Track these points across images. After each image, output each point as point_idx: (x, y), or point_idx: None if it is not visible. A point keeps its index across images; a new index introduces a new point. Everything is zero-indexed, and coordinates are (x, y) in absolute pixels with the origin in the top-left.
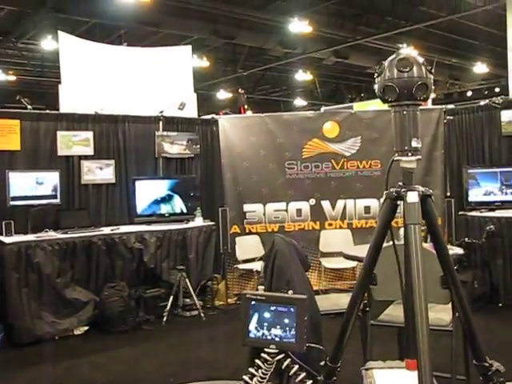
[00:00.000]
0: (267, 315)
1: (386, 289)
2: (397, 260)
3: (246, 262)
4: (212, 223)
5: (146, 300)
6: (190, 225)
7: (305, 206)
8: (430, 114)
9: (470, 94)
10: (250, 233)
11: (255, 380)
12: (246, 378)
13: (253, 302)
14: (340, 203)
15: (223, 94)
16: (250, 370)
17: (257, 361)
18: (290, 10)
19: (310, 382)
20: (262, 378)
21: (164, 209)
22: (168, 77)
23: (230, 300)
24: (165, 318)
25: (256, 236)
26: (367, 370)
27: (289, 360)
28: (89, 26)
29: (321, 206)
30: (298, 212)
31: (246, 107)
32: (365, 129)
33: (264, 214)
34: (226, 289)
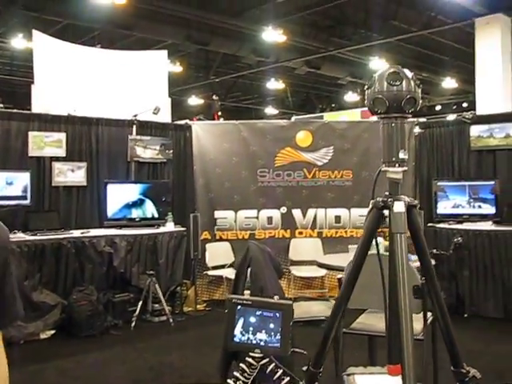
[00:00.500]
0: (253, 320)
1: (358, 298)
2: (381, 269)
3: (215, 268)
4: (183, 229)
5: (115, 304)
6: (161, 230)
7: (276, 214)
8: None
9: (439, 108)
10: (221, 239)
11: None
12: (230, 381)
13: (238, 307)
14: (311, 212)
15: (195, 100)
16: (235, 373)
17: (241, 365)
18: (265, 19)
19: None
20: (245, 381)
21: (135, 213)
22: (143, 81)
23: (198, 306)
24: (133, 323)
25: (226, 243)
26: (349, 376)
27: (273, 364)
28: (61, 26)
29: (292, 215)
30: (269, 220)
31: (220, 114)
32: (337, 139)
33: (235, 221)
34: (195, 295)
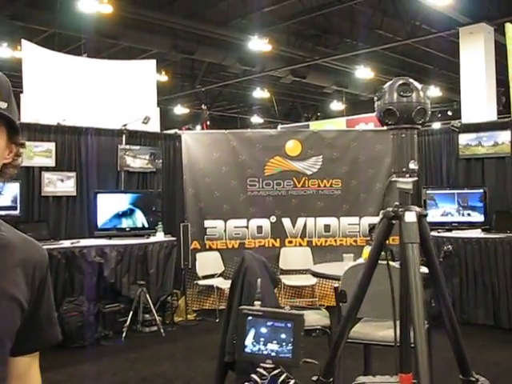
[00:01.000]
0: (264, 330)
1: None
2: (390, 280)
3: (205, 277)
4: (173, 239)
5: (105, 315)
6: (151, 240)
7: (265, 223)
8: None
9: None
10: (211, 249)
11: None
12: None
13: (249, 318)
14: (300, 221)
15: (180, 110)
16: None
17: (253, 375)
18: (251, 28)
19: None
20: None
21: (125, 223)
22: (131, 90)
23: (189, 316)
24: (124, 334)
25: (216, 252)
26: None
27: (285, 375)
28: (47, 35)
29: (281, 224)
30: (259, 229)
31: (208, 123)
32: (326, 148)
33: (225, 230)
34: (185, 305)
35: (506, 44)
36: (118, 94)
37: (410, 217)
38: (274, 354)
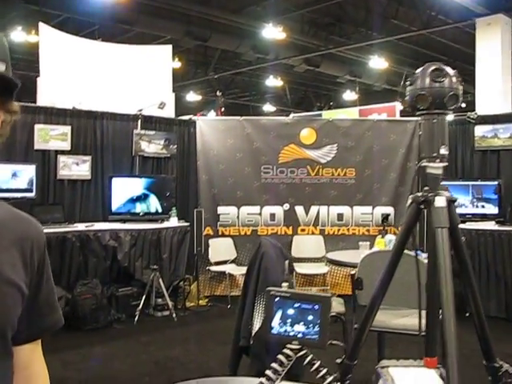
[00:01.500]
0: (291, 312)
1: (368, 294)
2: (417, 267)
3: (218, 264)
4: (186, 224)
5: (118, 298)
6: (165, 225)
7: (279, 211)
8: (406, 125)
9: None
10: (223, 235)
11: (276, 375)
12: (268, 372)
13: (277, 299)
14: (313, 209)
15: (193, 96)
16: (274, 365)
17: (280, 356)
18: (265, 16)
19: (331, 378)
20: (281, 372)
21: (139, 207)
22: (147, 75)
23: (201, 301)
24: (136, 317)
25: (229, 239)
26: (383, 368)
27: (311, 356)
28: (60, 20)
29: (294, 212)
30: (272, 216)
31: (223, 110)
32: (341, 137)
33: (238, 216)
34: (197, 290)
35: None
36: (134, 78)
37: (440, 202)
38: (300, 335)
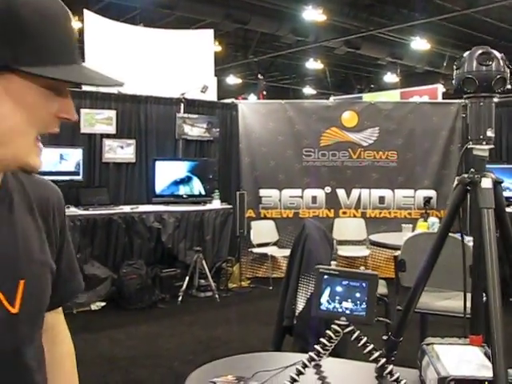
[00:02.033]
0: (339, 289)
1: (412, 276)
2: (462, 248)
3: (260, 246)
4: (229, 206)
5: (162, 279)
6: (208, 207)
7: (320, 194)
8: (449, 108)
9: None
10: (265, 218)
11: (324, 349)
12: (318, 347)
13: (325, 276)
14: (355, 192)
15: (233, 79)
16: (322, 340)
17: (328, 332)
18: None
19: (377, 354)
20: (328, 347)
21: (182, 190)
22: (189, 60)
23: (243, 283)
24: (180, 298)
25: (271, 221)
26: (428, 345)
27: (358, 332)
28: (102, 5)
29: (336, 194)
30: (313, 199)
31: (265, 93)
32: (383, 120)
33: (279, 199)
34: (239, 272)
35: None
36: (177, 63)
37: (486, 183)
38: (348, 311)
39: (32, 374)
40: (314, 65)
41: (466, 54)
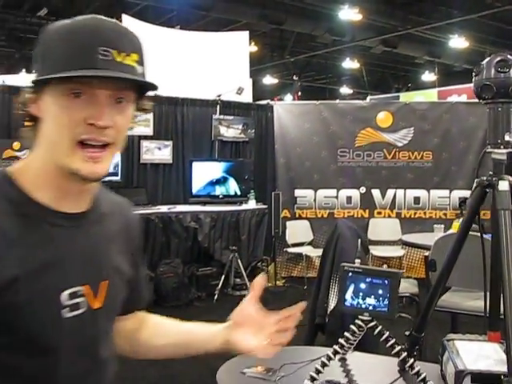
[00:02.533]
0: (363, 286)
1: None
2: (482, 248)
3: (295, 245)
4: (264, 206)
5: (199, 278)
6: (244, 207)
7: (355, 194)
8: (485, 107)
9: None
10: (300, 217)
11: (348, 343)
12: (341, 340)
13: (350, 274)
14: (390, 192)
15: (269, 80)
16: (346, 334)
17: (352, 326)
18: None
19: (398, 348)
20: (353, 341)
21: (218, 190)
22: (225, 62)
23: (278, 282)
24: (216, 296)
25: (306, 221)
26: (449, 341)
27: (380, 327)
28: (140, 8)
29: (371, 195)
30: (348, 199)
31: (300, 94)
32: (418, 120)
33: (314, 199)
34: (275, 271)
35: None
36: (213, 65)
37: (504, 185)
38: (371, 307)
39: (105, 364)
40: (350, 64)
41: (485, 61)
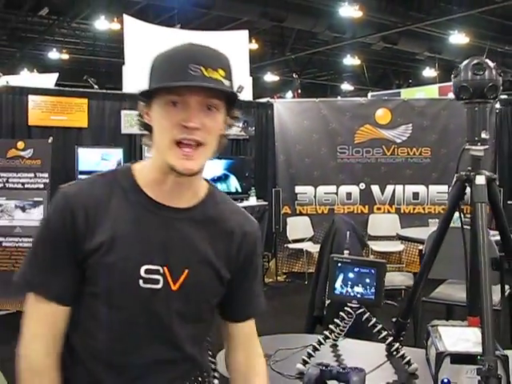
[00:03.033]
0: (351, 275)
1: (437, 268)
2: (463, 239)
3: (295, 241)
4: (265, 203)
5: None
6: (244, 204)
7: (355, 190)
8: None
9: None
10: (301, 214)
11: (338, 329)
12: (331, 326)
13: (339, 264)
14: (389, 188)
15: (270, 77)
16: (336, 320)
17: (341, 313)
18: None
19: (385, 333)
20: (342, 327)
21: (219, 187)
22: None
23: (279, 278)
24: None
25: (306, 217)
26: (433, 327)
27: (368, 314)
28: (141, 7)
29: (370, 191)
30: (348, 195)
31: (299, 91)
32: (416, 116)
33: (315, 196)
34: (276, 267)
35: None
36: None
37: (481, 180)
38: (359, 295)
39: (183, 353)
40: (351, 61)
41: (463, 64)
